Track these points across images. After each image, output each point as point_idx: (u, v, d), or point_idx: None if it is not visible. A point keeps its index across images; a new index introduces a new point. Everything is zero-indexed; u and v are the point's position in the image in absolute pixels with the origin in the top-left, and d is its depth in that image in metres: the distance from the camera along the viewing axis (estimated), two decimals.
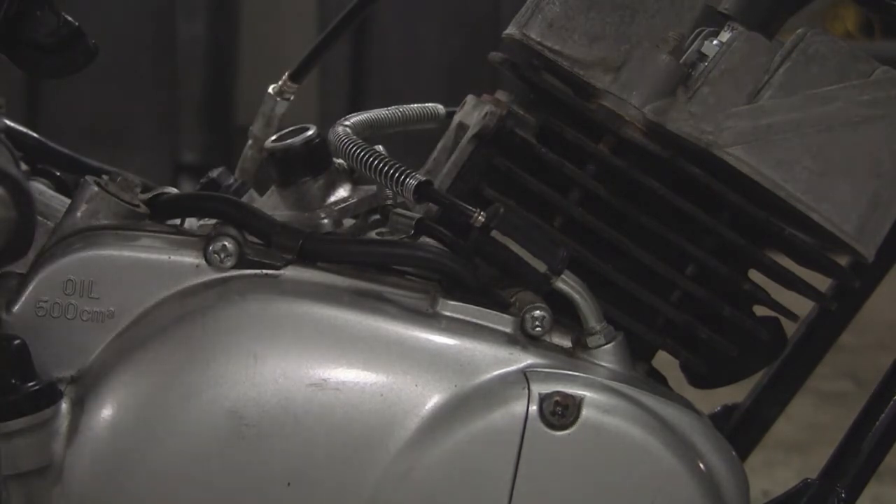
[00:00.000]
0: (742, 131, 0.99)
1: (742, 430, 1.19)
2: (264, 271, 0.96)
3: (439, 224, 1.00)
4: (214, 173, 1.19)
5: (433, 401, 0.92)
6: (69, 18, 1.02)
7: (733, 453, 0.96)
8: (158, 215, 1.00)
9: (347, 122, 1.10)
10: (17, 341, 0.91)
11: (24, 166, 1.07)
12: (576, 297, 0.96)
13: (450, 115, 1.16)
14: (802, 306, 1.12)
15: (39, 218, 0.97)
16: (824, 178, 1.00)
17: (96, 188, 0.98)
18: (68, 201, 1.00)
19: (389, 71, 4.25)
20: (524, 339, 0.96)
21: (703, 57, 1.02)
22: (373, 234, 1.06)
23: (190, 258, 0.95)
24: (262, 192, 1.13)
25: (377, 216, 1.08)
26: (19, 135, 1.10)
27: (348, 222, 1.07)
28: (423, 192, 0.97)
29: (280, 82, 1.26)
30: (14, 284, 0.96)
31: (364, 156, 1.00)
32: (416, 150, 1.18)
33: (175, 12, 4.17)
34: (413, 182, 0.97)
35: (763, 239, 1.03)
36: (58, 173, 1.12)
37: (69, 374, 0.94)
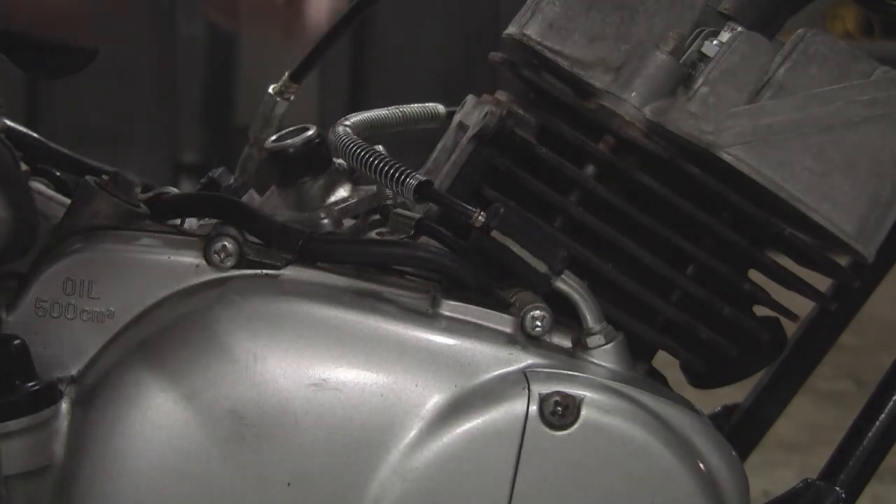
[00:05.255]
0: (742, 131, 0.99)
1: (742, 430, 1.19)
2: (264, 271, 0.96)
3: (439, 224, 1.00)
4: (214, 173, 1.19)
5: (433, 401, 0.92)
6: None
7: (733, 453, 0.96)
8: (158, 215, 1.00)
9: (347, 122, 1.10)
10: (17, 341, 0.91)
11: (24, 166, 1.07)
12: (576, 297, 0.96)
13: (450, 115, 1.16)
14: (802, 306, 1.12)
15: (40, 218, 0.97)
16: (824, 178, 1.00)
17: (96, 188, 0.98)
18: (68, 201, 1.00)
19: (389, 71, 4.26)
20: (524, 339, 0.96)
21: (703, 57, 1.02)
22: (373, 234, 1.06)
23: (190, 258, 0.95)
24: (262, 193, 1.13)
25: (377, 216, 1.09)
26: (19, 135, 1.10)
27: (348, 222, 1.07)
28: (424, 192, 0.97)
29: (280, 82, 1.26)
30: (14, 284, 0.96)
31: (364, 156, 1.00)
32: (416, 150, 1.18)
33: (175, 12, 4.17)
34: (413, 182, 0.97)
35: (763, 239, 1.03)
36: (58, 173, 1.12)
37: (69, 374, 0.94)
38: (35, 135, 1.12)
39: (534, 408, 0.91)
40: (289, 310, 0.93)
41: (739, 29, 1.02)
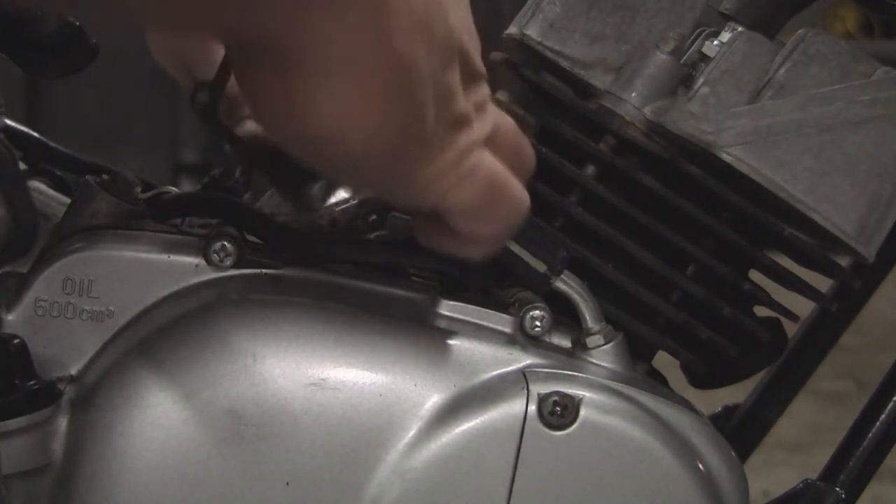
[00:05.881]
0: (742, 131, 0.99)
1: (742, 431, 1.19)
2: (264, 271, 0.96)
3: None
4: (215, 173, 1.19)
5: (432, 401, 0.92)
6: (70, 18, 1.02)
7: (733, 454, 0.96)
8: (158, 215, 1.00)
9: None
10: (16, 341, 0.91)
11: (23, 166, 1.07)
12: (576, 297, 0.96)
13: None
14: (803, 307, 1.12)
15: (40, 218, 0.97)
16: (825, 178, 1.00)
17: (96, 188, 0.98)
18: (68, 201, 1.00)
19: None
20: (524, 339, 0.96)
21: (703, 57, 1.02)
22: (372, 236, 1.06)
23: (189, 258, 0.95)
24: (262, 193, 1.13)
25: (375, 217, 1.08)
26: (19, 135, 1.10)
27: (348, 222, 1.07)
28: None
29: None
30: (14, 284, 0.96)
31: None
32: None
33: None
34: None
35: (763, 239, 1.03)
36: (58, 173, 1.12)
37: (69, 373, 0.94)
38: (35, 134, 1.12)
39: (533, 408, 0.91)
40: (288, 310, 0.93)
41: (740, 29, 1.02)
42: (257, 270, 0.96)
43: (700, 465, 0.94)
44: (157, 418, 0.90)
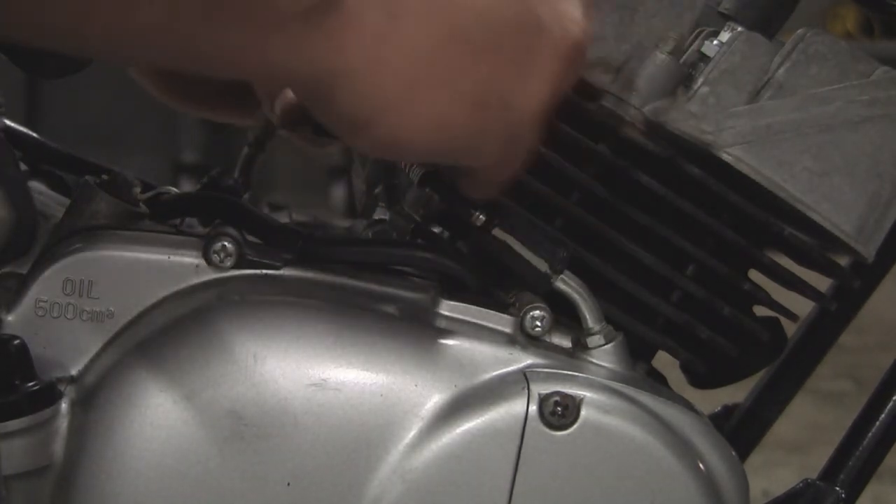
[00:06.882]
0: (742, 131, 0.99)
1: (742, 431, 1.19)
2: (264, 271, 0.96)
3: (440, 222, 1.00)
4: (215, 173, 1.19)
5: (433, 401, 0.92)
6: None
7: (733, 453, 0.96)
8: (158, 215, 1.00)
9: None
10: (16, 341, 0.91)
11: (23, 166, 1.07)
12: (576, 297, 0.96)
13: None
14: (802, 306, 1.12)
15: (40, 218, 0.97)
16: (824, 178, 1.00)
17: (96, 188, 0.98)
18: (68, 201, 1.00)
19: None
20: (524, 339, 0.96)
21: (703, 57, 1.02)
22: (370, 234, 1.06)
23: (189, 258, 0.95)
24: (262, 192, 1.12)
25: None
26: (19, 135, 1.10)
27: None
28: (429, 179, 0.97)
29: None
30: (14, 284, 0.96)
31: None
32: None
33: None
34: (420, 169, 0.97)
35: (763, 239, 1.03)
36: (58, 173, 1.12)
37: (69, 374, 0.94)
38: (35, 135, 1.12)
39: (533, 408, 0.91)
40: (289, 310, 0.93)
41: (739, 29, 1.02)
42: (257, 270, 0.96)
43: (700, 465, 0.94)
44: (158, 419, 0.90)
